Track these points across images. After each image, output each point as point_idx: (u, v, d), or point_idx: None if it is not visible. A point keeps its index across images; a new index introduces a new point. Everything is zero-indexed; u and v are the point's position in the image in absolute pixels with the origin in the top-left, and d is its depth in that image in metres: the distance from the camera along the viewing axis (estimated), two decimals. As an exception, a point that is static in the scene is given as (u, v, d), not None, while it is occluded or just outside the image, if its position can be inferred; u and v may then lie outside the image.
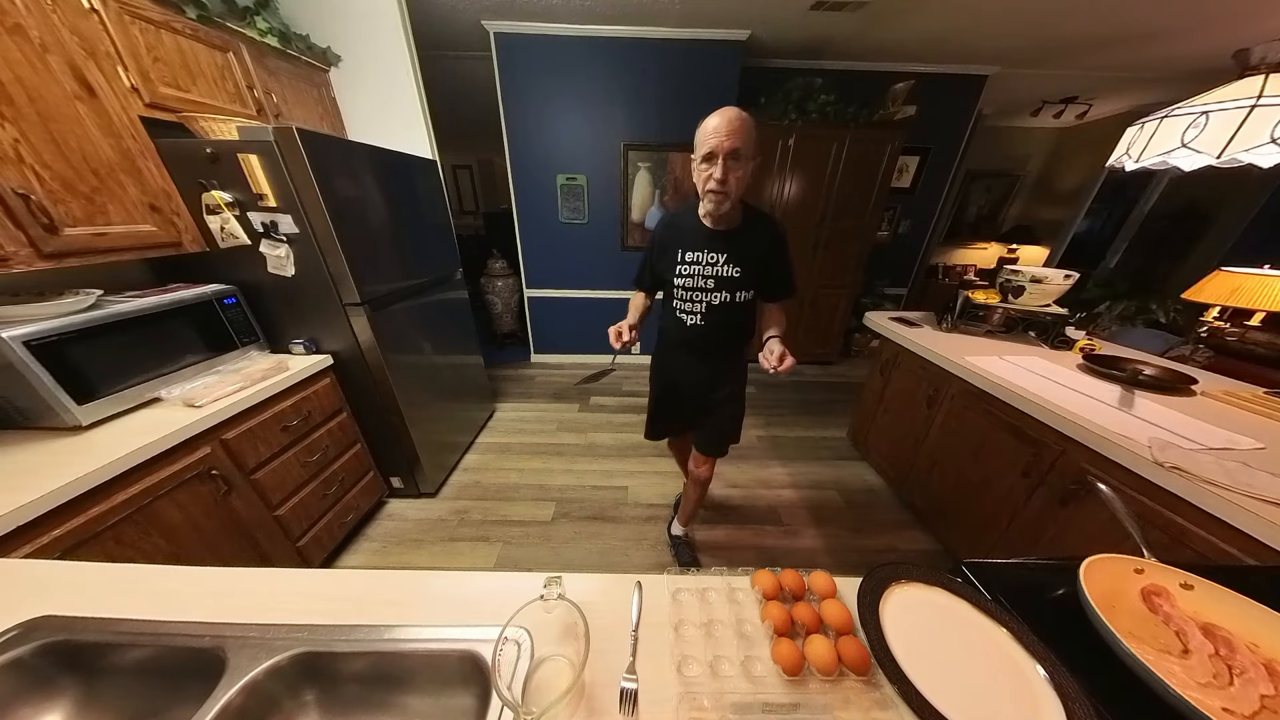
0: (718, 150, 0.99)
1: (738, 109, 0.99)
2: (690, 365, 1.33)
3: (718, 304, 1.20)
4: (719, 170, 1.01)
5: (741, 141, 0.99)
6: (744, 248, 1.16)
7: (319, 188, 1.33)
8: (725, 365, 1.33)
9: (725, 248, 1.15)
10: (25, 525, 0.85)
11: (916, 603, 0.61)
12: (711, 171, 1.02)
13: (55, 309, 1.04)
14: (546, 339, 3.71)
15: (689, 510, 1.69)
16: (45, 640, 0.56)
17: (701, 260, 1.16)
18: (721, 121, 0.98)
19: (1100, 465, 1.14)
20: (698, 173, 1.07)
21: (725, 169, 1.01)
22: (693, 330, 1.24)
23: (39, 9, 0.98)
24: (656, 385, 1.48)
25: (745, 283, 1.17)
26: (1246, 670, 0.50)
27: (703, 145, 1.01)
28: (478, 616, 0.61)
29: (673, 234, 1.21)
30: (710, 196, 1.06)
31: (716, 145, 0.99)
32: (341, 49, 1.95)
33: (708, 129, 1.00)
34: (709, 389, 1.36)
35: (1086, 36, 2.58)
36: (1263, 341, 1.95)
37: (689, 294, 1.21)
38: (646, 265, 1.32)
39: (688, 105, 2.85)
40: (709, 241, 1.16)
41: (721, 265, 1.15)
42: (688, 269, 1.18)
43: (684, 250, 1.18)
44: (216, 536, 1.23)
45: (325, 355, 1.59)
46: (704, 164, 1.03)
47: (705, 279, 1.17)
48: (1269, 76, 1.02)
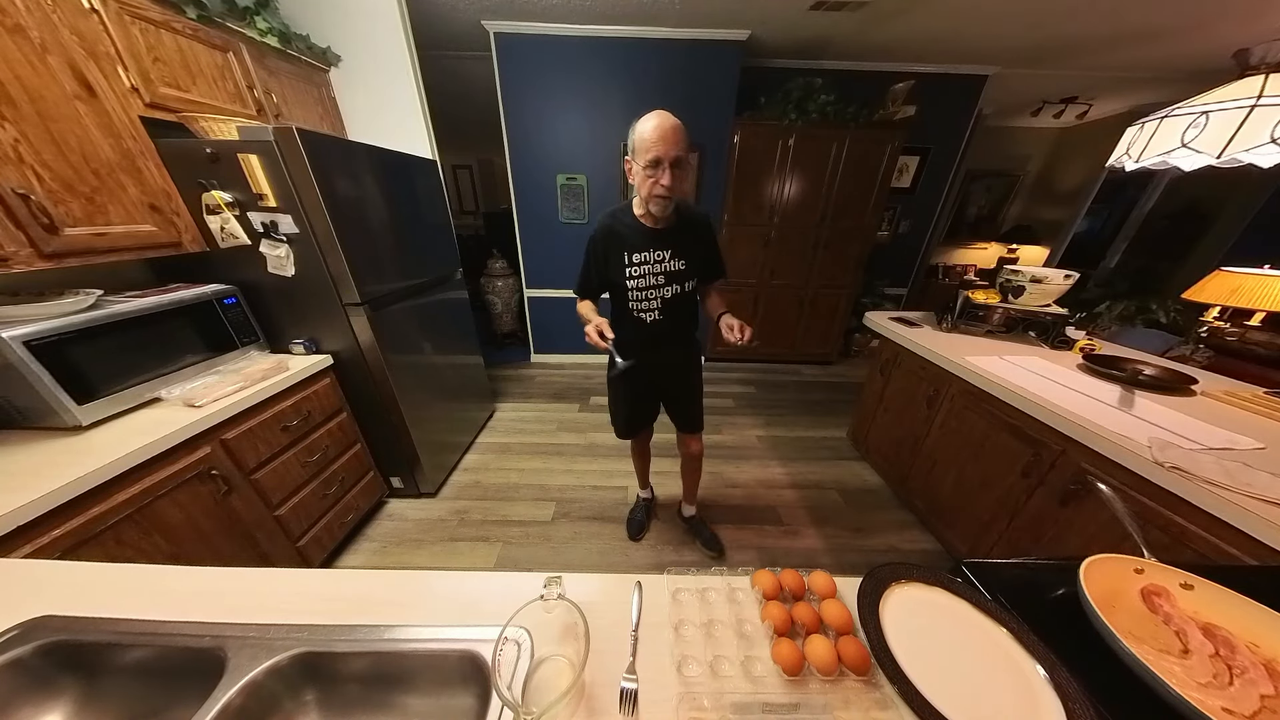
0: (663, 157, 1.04)
1: (672, 116, 1.04)
2: (661, 360, 1.38)
3: (670, 297, 1.27)
4: (666, 177, 1.06)
5: (683, 149, 1.06)
6: (683, 241, 1.24)
7: (319, 188, 1.33)
8: (689, 350, 1.45)
9: (668, 244, 1.21)
10: (25, 525, 0.85)
11: (916, 603, 0.61)
12: (658, 177, 1.07)
13: (55, 309, 1.04)
14: (546, 339, 3.71)
15: (694, 488, 1.80)
16: (45, 640, 0.56)
17: (649, 259, 1.22)
18: (665, 130, 1.02)
19: (1100, 465, 1.14)
20: (639, 176, 1.10)
21: (671, 176, 1.06)
22: (655, 327, 1.30)
23: (39, 9, 0.98)
24: (628, 388, 1.50)
25: (690, 273, 1.26)
26: (1246, 670, 0.50)
27: (646, 152, 1.04)
28: (478, 616, 0.61)
29: (615, 239, 1.23)
30: (657, 201, 1.12)
31: (663, 153, 1.03)
32: (341, 49, 1.95)
33: (649, 136, 1.03)
34: (684, 376, 1.48)
35: (1086, 36, 2.58)
36: (1263, 341, 1.95)
37: (643, 293, 1.25)
38: (590, 273, 1.32)
39: (688, 105, 2.84)
40: (653, 241, 1.21)
41: (668, 261, 1.22)
42: (638, 270, 1.23)
43: (630, 252, 1.22)
44: (216, 536, 1.23)
45: (325, 355, 1.59)
46: (649, 169, 1.07)
47: (656, 276, 1.23)
48: (1269, 76, 1.02)
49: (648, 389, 1.50)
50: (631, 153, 1.09)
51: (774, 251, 3.31)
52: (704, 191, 3.11)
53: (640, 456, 1.81)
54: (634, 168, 1.10)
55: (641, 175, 1.09)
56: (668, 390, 1.52)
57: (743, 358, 3.78)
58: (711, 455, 2.44)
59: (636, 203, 1.21)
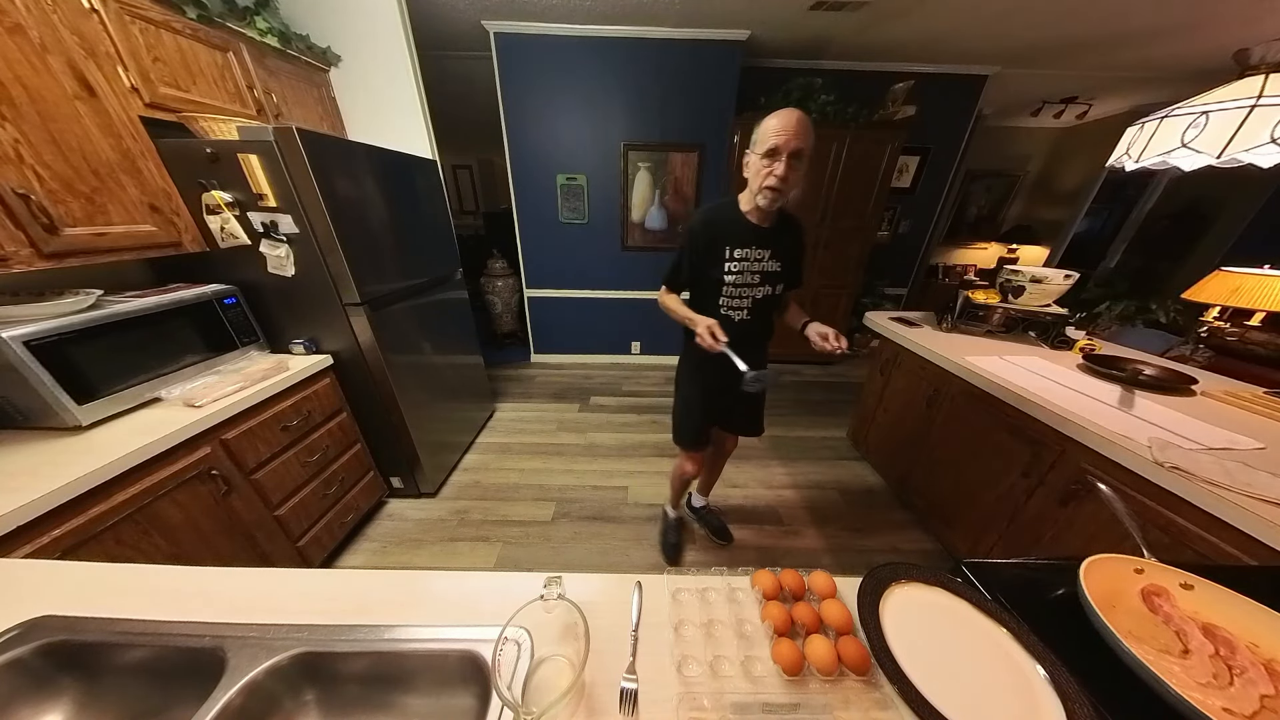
0: (782, 148, 1.00)
1: (802, 112, 1.01)
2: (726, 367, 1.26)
3: (761, 298, 1.23)
4: (781, 167, 1.02)
5: (806, 143, 1.01)
6: (783, 243, 1.21)
7: (319, 188, 1.33)
8: (763, 355, 1.38)
9: (769, 243, 1.18)
10: (25, 525, 0.85)
11: (916, 603, 0.61)
12: (773, 168, 1.03)
13: (55, 309, 1.04)
14: (546, 339, 3.71)
15: (714, 482, 1.85)
16: (45, 640, 0.56)
17: (749, 256, 1.18)
18: (790, 121, 1.00)
19: (1100, 465, 1.14)
20: (755, 167, 1.07)
21: (788, 167, 1.02)
22: (742, 326, 1.23)
23: (39, 9, 0.98)
24: (700, 389, 1.41)
25: (783, 276, 1.23)
26: (1246, 670, 0.50)
27: (765, 140, 1.02)
28: (478, 616, 0.61)
29: (717, 231, 1.18)
30: (767, 193, 1.07)
31: (782, 142, 1.00)
32: (341, 49, 1.95)
33: (772, 124, 1.01)
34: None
35: (1087, 36, 2.58)
36: (1263, 341, 1.95)
37: (738, 290, 1.21)
38: (682, 263, 1.26)
39: (688, 106, 2.85)
40: (756, 238, 1.17)
41: (767, 261, 1.19)
42: (737, 265, 1.18)
43: (732, 247, 1.17)
44: (216, 536, 1.23)
45: (325, 355, 1.59)
46: (765, 159, 1.04)
47: (753, 274, 1.20)
48: (1269, 76, 1.02)
49: (719, 392, 1.38)
50: (751, 144, 1.08)
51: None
52: (704, 191, 3.11)
53: (696, 466, 1.62)
54: (750, 159, 1.09)
55: (757, 165, 1.06)
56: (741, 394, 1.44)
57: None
58: (711, 455, 2.45)
59: (744, 197, 1.18)
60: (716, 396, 1.40)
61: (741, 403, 1.42)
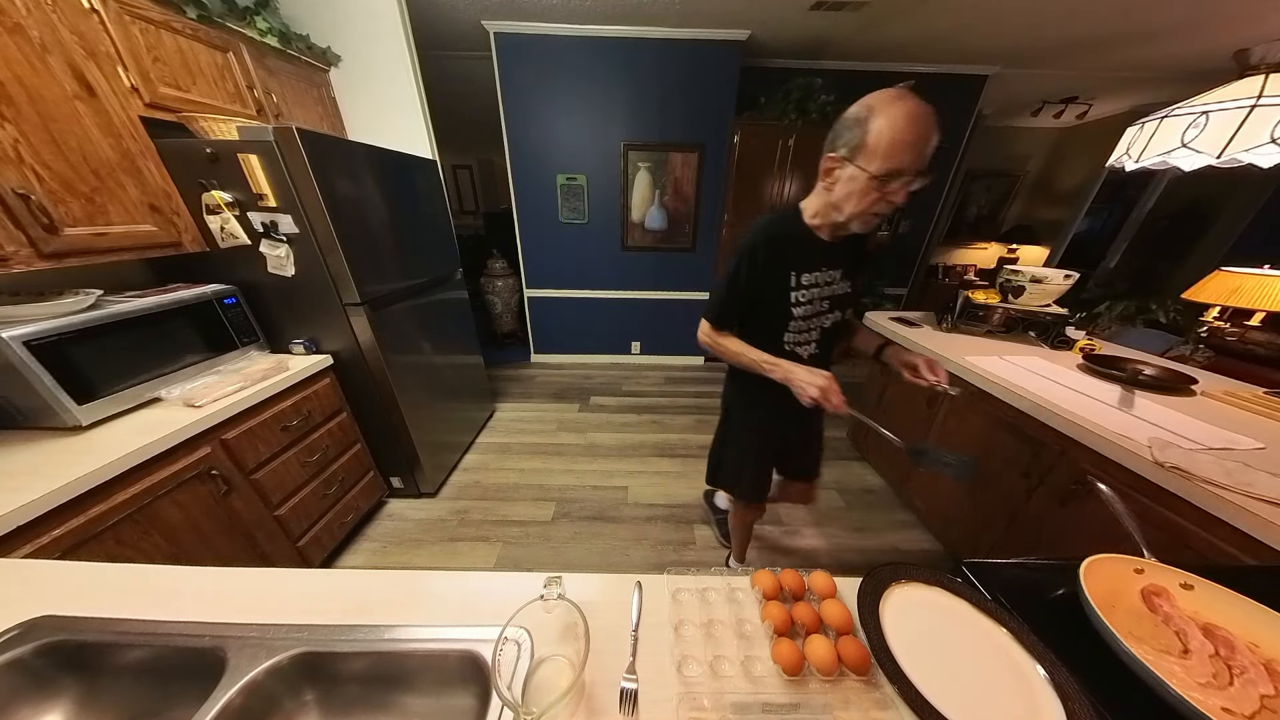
0: (908, 170, 0.76)
1: (927, 105, 0.75)
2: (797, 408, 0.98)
3: (829, 327, 1.03)
4: (903, 195, 0.79)
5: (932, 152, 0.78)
6: (854, 259, 1.00)
7: (319, 188, 1.33)
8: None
9: (840, 262, 0.98)
10: (25, 525, 0.85)
11: (916, 603, 0.61)
12: (891, 194, 0.79)
13: (55, 309, 1.04)
14: (546, 339, 3.71)
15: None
16: (45, 640, 0.56)
17: (819, 280, 0.96)
18: (926, 132, 0.75)
19: (1100, 465, 1.14)
20: (856, 186, 0.80)
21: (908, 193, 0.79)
22: (809, 364, 0.98)
23: (39, 9, 0.98)
24: (767, 443, 1.22)
25: (853, 298, 1.04)
26: (1246, 670, 0.50)
27: (887, 157, 0.75)
28: (478, 616, 0.61)
29: (781, 252, 0.94)
30: (866, 220, 0.85)
31: (917, 162, 0.75)
32: (341, 49, 1.95)
33: (900, 136, 0.73)
34: (817, 418, 1.24)
35: (1087, 36, 2.58)
36: (1263, 341, 1.95)
37: (806, 322, 0.99)
38: (735, 295, 0.98)
39: (688, 106, 2.85)
40: (825, 257, 0.96)
41: (838, 283, 0.99)
42: (805, 294, 0.96)
43: (799, 272, 0.94)
44: (216, 536, 1.23)
45: (325, 355, 1.59)
46: (882, 180, 0.77)
47: (822, 301, 0.98)
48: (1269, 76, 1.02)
49: (786, 444, 1.25)
50: (851, 149, 0.79)
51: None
52: (704, 191, 3.11)
53: (759, 512, 1.46)
54: (849, 171, 0.80)
55: (863, 185, 0.79)
56: (805, 439, 1.28)
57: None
58: (711, 455, 2.45)
59: (810, 207, 0.93)
60: (776, 438, 1.22)
61: (801, 441, 1.26)
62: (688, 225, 3.22)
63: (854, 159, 0.79)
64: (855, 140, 0.78)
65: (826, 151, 0.84)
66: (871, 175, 0.77)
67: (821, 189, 0.89)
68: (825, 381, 0.87)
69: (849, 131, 0.79)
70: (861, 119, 0.77)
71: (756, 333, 1.03)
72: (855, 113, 0.79)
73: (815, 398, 0.87)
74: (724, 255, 3.31)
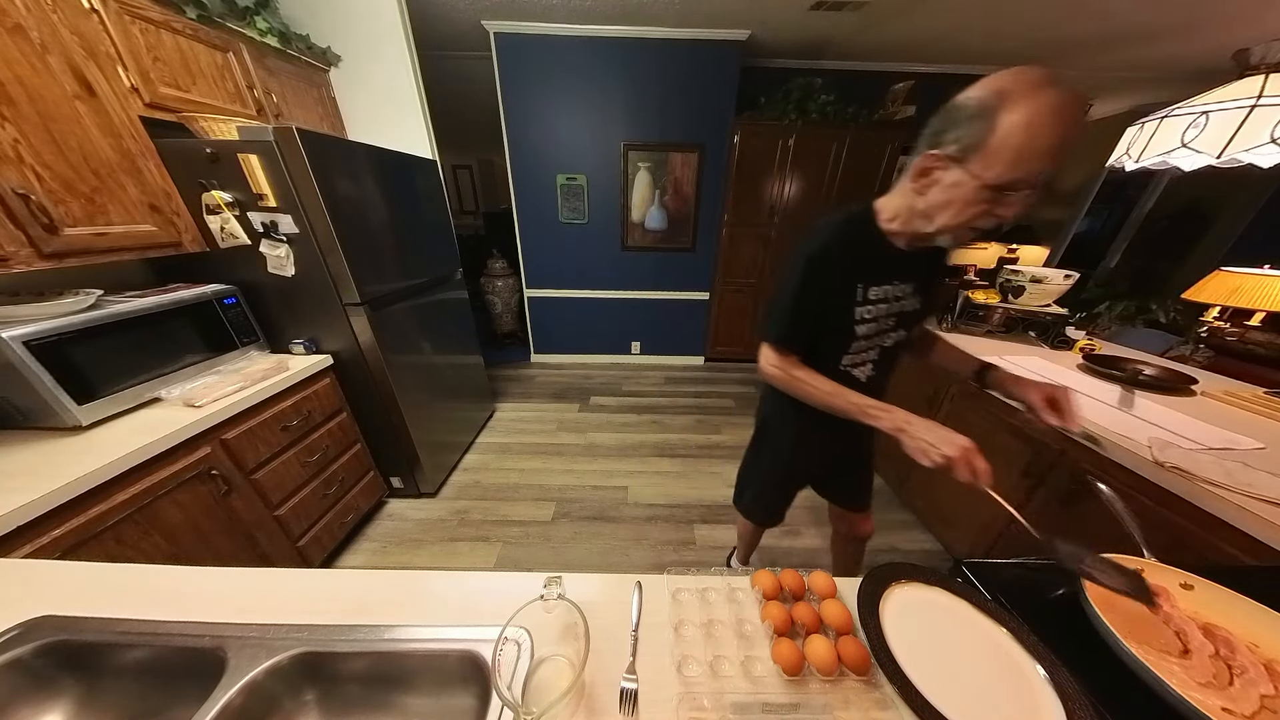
0: (1032, 178, 0.59)
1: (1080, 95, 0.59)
2: (851, 432, 0.91)
3: (890, 346, 0.89)
4: (1017, 207, 0.62)
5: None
6: (927, 271, 0.86)
7: (319, 188, 1.33)
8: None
9: (913, 274, 0.84)
10: (25, 525, 0.85)
11: (916, 603, 0.61)
12: (1003, 205, 0.62)
13: (55, 309, 1.04)
14: (546, 339, 3.71)
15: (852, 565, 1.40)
16: (45, 640, 0.56)
17: (889, 295, 0.83)
18: (1072, 132, 0.57)
19: (1100, 465, 1.14)
20: (961, 191, 0.64)
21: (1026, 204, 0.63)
22: (865, 388, 0.87)
23: (39, 9, 0.98)
24: (800, 466, 1.11)
25: (922, 316, 0.90)
26: (1246, 670, 0.50)
27: (1021, 164, 0.58)
28: (478, 616, 0.61)
29: (849, 262, 0.80)
30: (966, 233, 0.69)
31: (1043, 168, 0.58)
32: (341, 49, 1.95)
33: (1042, 142, 0.56)
34: (866, 442, 1.11)
35: (1086, 36, 2.57)
36: (1263, 341, 1.95)
37: (868, 341, 0.86)
38: (804, 310, 0.83)
39: (688, 106, 2.85)
40: (898, 268, 0.81)
41: (909, 298, 0.85)
42: (872, 310, 0.82)
43: (867, 284, 0.80)
44: (216, 536, 1.23)
45: (325, 355, 1.59)
46: (999, 191, 0.61)
47: (888, 319, 0.85)
48: (1269, 76, 1.02)
49: (820, 469, 1.14)
50: (964, 148, 0.61)
51: (774, 251, 3.31)
52: (704, 191, 3.11)
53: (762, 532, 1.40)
54: (953, 175, 0.64)
55: (970, 193, 0.63)
56: (838, 462, 1.14)
57: (743, 357, 3.77)
58: (712, 455, 2.45)
59: (889, 208, 0.77)
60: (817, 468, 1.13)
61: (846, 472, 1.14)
62: (688, 225, 3.22)
63: (965, 161, 0.61)
64: (973, 137, 0.60)
65: (926, 147, 0.67)
66: (986, 184, 0.60)
67: (909, 190, 0.72)
68: (963, 448, 0.68)
69: (966, 125, 0.60)
70: (988, 109, 0.58)
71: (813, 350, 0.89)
72: (979, 100, 0.59)
73: (942, 463, 0.69)
74: (724, 255, 3.31)
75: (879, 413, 0.79)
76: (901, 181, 0.75)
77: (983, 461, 0.68)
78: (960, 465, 0.68)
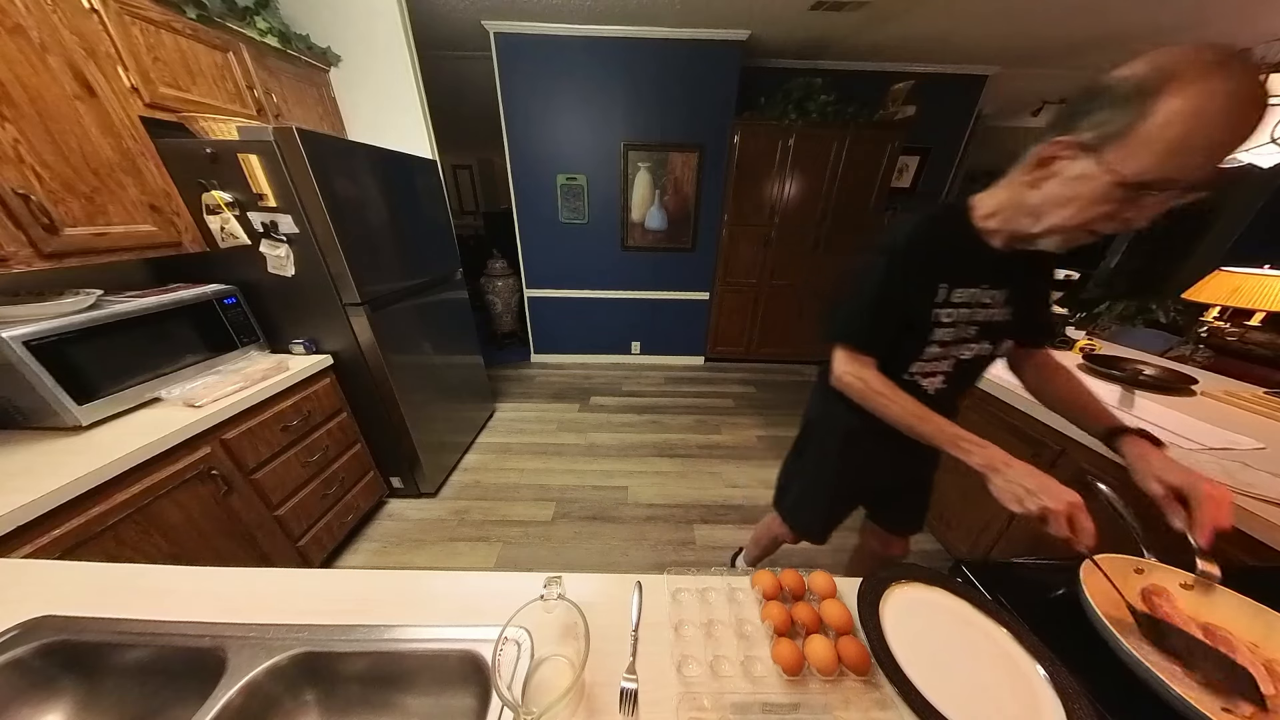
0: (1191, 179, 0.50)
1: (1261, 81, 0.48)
2: (910, 449, 0.81)
3: (968, 359, 0.80)
4: (1155, 212, 0.54)
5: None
6: (1025, 277, 0.76)
7: (319, 188, 1.33)
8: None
9: (1008, 279, 0.75)
10: (25, 525, 0.85)
11: (916, 603, 0.61)
12: (1142, 209, 0.54)
13: (55, 309, 1.04)
14: (546, 339, 3.71)
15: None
16: (45, 640, 0.56)
17: (975, 300, 0.75)
18: (1249, 126, 0.48)
19: (1100, 465, 1.14)
20: (1094, 195, 0.55)
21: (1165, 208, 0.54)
22: (935, 399, 0.81)
23: (39, 9, 0.98)
24: (852, 479, 1.02)
25: (1012, 330, 0.80)
26: (1246, 670, 0.50)
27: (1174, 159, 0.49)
28: (478, 616, 0.61)
29: (935, 259, 0.73)
30: (1083, 236, 0.61)
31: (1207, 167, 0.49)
32: (341, 49, 1.95)
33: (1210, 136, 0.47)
34: (921, 468, 1.03)
35: (1087, 36, 2.58)
36: (1263, 341, 1.95)
37: (943, 349, 0.78)
38: (889, 308, 0.76)
39: (688, 106, 2.85)
40: (991, 271, 0.73)
41: (998, 306, 0.76)
42: (952, 314, 0.75)
43: (952, 285, 0.73)
44: (216, 536, 1.23)
45: (325, 355, 1.59)
46: (1137, 190, 0.52)
47: (969, 326, 0.77)
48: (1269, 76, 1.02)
49: (875, 485, 1.06)
50: (1103, 135, 0.52)
51: (774, 251, 3.31)
52: (704, 191, 3.11)
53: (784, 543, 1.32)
54: (1082, 166, 0.55)
55: (1101, 190, 0.53)
56: (896, 480, 1.05)
57: (743, 357, 3.77)
58: (712, 455, 2.45)
59: (989, 203, 0.70)
60: (871, 485, 1.04)
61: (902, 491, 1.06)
62: (687, 225, 3.22)
63: (1101, 150, 0.52)
64: (1118, 123, 0.50)
65: (1055, 132, 0.57)
66: (1122, 180, 0.51)
67: (1021, 183, 0.63)
68: (1069, 503, 0.59)
69: (1113, 108, 0.51)
70: (1146, 91, 0.48)
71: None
72: (1138, 79, 0.49)
73: (1036, 514, 0.60)
74: (724, 255, 3.32)
75: (972, 446, 0.72)
76: (1010, 173, 0.67)
77: (1088, 520, 0.59)
78: (1059, 520, 0.59)
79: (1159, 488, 0.64)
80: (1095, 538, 0.59)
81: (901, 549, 1.18)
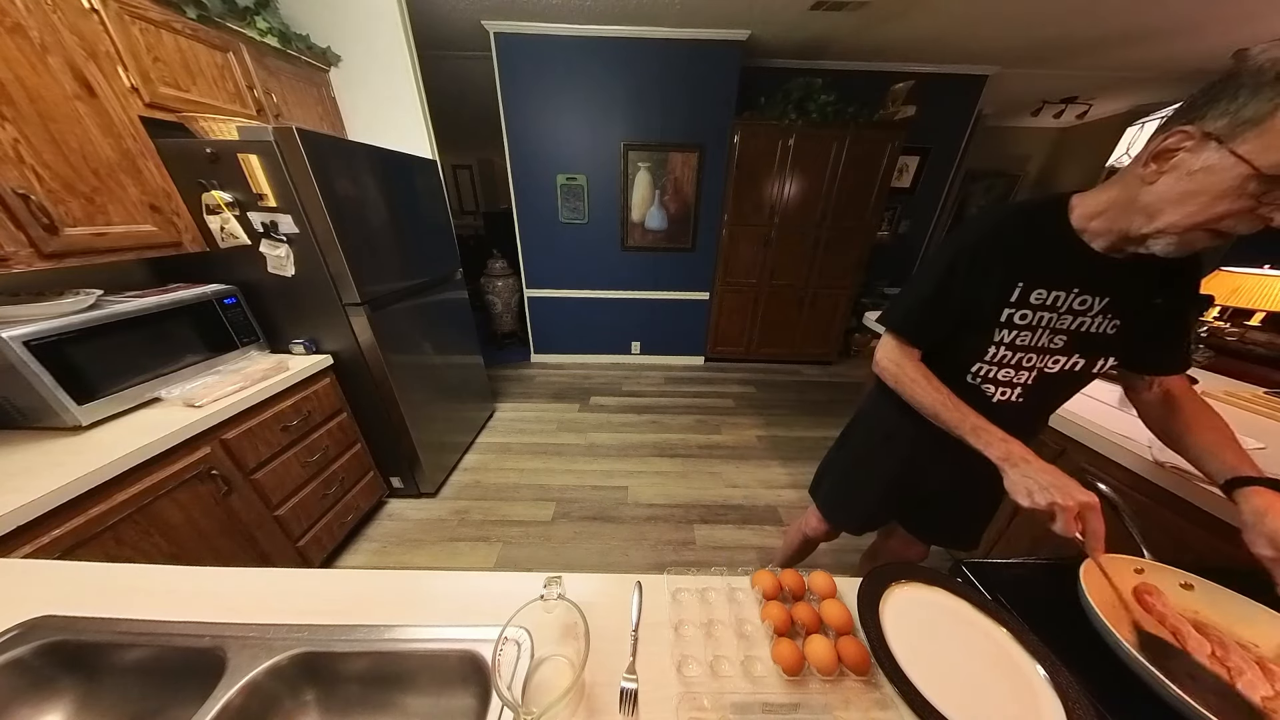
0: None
1: None
2: (963, 460, 0.73)
3: (1055, 373, 0.73)
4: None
5: None
6: (1136, 290, 0.67)
7: (319, 188, 1.33)
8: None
9: (1110, 287, 0.67)
10: (25, 525, 0.85)
11: (916, 603, 0.61)
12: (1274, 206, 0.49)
13: (55, 309, 1.04)
14: (546, 339, 3.71)
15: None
16: (45, 640, 0.56)
17: (1060, 304, 0.68)
18: None
19: (1100, 465, 1.14)
20: (1221, 189, 0.50)
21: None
22: (1001, 412, 0.75)
23: (39, 9, 0.98)
24: (889, 479, 0.98)
25: (1118, 347, 0.70)
26: (1244, 671, 0.50)
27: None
28: (478, 616, 0.61)
29: (1015, 254, 0.68)
30: (1203, 237, 0.54)
31: None
32: (341, 49, 1.95)
33: None
34: (974, 484, 0.89)
35: (1086, 36, 2.58)
36: (1263, 341, 1.95)
37: (1015, 355, 0.73)
38: (946, 303, 0.73)
39: (688, 106, 2.85)
40: (1086, 276, 0.66)
41: (1094, 316, 0.68)
42: (1027, 316, 0.69)
43: (1031, 284, 0.68)
44: (216, 536, 1.23)
45: (325, 355, 1.59)
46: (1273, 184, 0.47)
47: (1055, 335, 0.70)
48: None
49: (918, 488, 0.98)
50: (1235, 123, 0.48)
51: (774, 251, 3.31)
52: (704, 191, 3.12)
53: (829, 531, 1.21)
54: (1208, 157, 0.50)
55: (1229, 183, 0.49)
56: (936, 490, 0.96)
57: (743, 358, 3.77)
58: (712, 455, 2.45)
59: (1092, 203, 0.64)
60: (912, 482, 0.96)
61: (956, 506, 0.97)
62: (687, 225, 3.22)
63: (1234, 140, 0.48)
64: (1257, 109, 0.46)
65: (1177, 123, 0.53)
66: (1258, 172, 0.47)
67: (1133, 178, 0.58)
68: (1081, 501, 0.57)
69: (1251, 93, 0.46)
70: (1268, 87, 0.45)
71: (937, 349, 0.78)
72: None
73: (1045, 509, 0.59)
74: (724, 255, 3.32)
75: (990, 437, 0.68)
76: (1122, 171, 0.61)
77: (1100, 524, 0.56)
78: (1068, 518, 0.57)
79: (1270, 552, 0.57)
80: (1104, 542, 0.58)
81: (920, 554, 1.16)
